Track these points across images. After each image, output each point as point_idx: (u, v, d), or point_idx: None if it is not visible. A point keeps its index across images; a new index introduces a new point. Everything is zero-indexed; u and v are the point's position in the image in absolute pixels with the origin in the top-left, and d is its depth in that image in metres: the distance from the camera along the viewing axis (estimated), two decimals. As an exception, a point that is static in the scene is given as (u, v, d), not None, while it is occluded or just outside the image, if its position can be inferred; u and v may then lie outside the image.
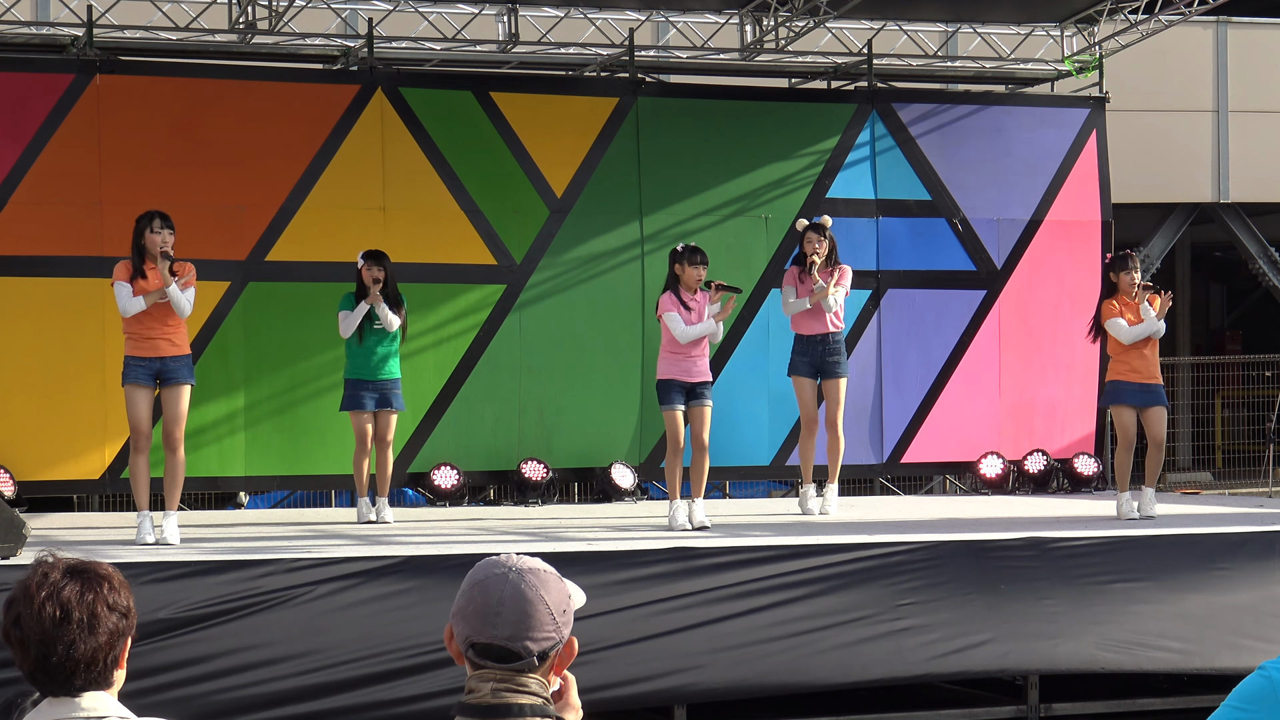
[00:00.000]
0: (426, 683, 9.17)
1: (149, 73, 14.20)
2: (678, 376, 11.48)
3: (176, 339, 10.64)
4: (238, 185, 14.08)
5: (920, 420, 15.63)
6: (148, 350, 10.56)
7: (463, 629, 3.23)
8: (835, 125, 15.61)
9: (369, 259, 12.18)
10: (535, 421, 14.74)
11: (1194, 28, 20.36)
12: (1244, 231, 22.17)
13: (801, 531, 11.00)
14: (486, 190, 14.67)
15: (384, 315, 12.08)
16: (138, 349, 10.59)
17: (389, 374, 12.24)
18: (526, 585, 3.20)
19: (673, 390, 11.48)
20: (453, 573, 9.46)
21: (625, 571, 9.70)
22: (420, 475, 14.48)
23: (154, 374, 10.59)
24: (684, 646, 9.63)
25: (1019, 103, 16.32)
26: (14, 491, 13.10)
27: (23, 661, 3.29)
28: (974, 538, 10.61)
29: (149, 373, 10.57)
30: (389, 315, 12.09)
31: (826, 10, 14.88)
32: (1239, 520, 11.85)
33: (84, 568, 3.32)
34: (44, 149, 13.67)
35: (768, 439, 15.23)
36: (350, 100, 14.44)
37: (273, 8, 14.31)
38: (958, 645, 10.02)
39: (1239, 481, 20.49)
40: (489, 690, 3.19)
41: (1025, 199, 15.98)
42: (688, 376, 11.47)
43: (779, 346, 14.50)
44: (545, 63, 15.66)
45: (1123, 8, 15.67)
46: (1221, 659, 10.32)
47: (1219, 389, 21.72)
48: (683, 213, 15.12)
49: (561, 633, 3.23)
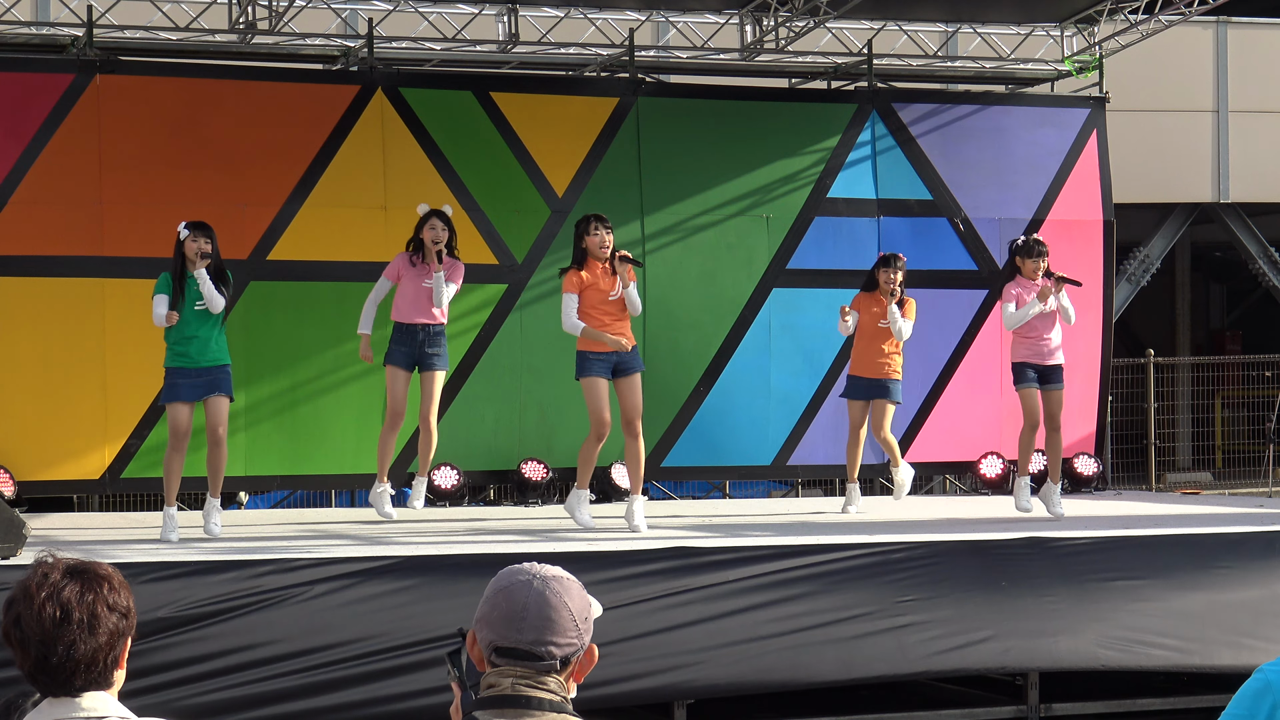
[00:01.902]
0: (426, 680, 9.17)
1: (149, 73, 14.20)
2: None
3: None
4: (238, 185, 14.07)
5: (922, 420, 15.63)
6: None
7: (486, 634, 3.27)
8: (836, 125, 15.60)
9: (195, 229, 10.97)
10: (536, 421, 14.74)
11: (1194, 28, 20.36)
12: (1244, 231, 22.18)
13: (802, 531, 11.01)
14: (487, 190, 14.67)
15: (208, 292, 10.85)
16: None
17: (215, 359, 11.00)
18: (551, 592, 3.26)
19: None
20: (452, 572, 9.48)
21: (625, 569, 9.71)
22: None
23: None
24: (684, 643, 9.64)
25: (1019, 103, 16.31)
26: (14, 491, 13.10)
27: (23, 662, 3.30)
28: (974, 538, 10.63)
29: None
30: (214, 293, 10.87)
31: (826, 10, 14.89)
32: (1239, 520, 11.86)
33: (84, 568, 3.32)
34: (44, 149, 13.66)
35: (769, 439, 15.22)
36: (350, 100, 14.43)
37: (273, 8, 14.31)
38: (959, 642, 10.02)
39: (1239, 481, 20.49)
40: (509, 684, 3.23)
41: (1027, 198, 15.98)
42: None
43: (780, 346, 14.55)
44: (545, 63, 15.66)
45: (1123, 8, 15.67)
46: (1221, 657, 10.33)
47: (1219, 389, 21.72)
48: (683, 212, 15.12)
49: (583, 639, 3.28)
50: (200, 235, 10.91)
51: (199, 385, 10.91)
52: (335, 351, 14.06)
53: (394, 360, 11.87)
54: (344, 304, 13.92)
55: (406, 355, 11.83)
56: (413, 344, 11.84)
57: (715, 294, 15.11)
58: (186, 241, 10.93)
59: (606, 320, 11.38)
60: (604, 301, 11.40)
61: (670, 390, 14.97)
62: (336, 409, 14.09)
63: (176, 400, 10.92)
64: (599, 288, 11.39)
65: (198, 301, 10.89)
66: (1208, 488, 19.88)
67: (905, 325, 12.78)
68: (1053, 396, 12.21)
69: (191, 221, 11.08)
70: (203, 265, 10.85)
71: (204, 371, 10.90)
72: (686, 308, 15.08)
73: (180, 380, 10.91)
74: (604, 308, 11.39)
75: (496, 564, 3.70)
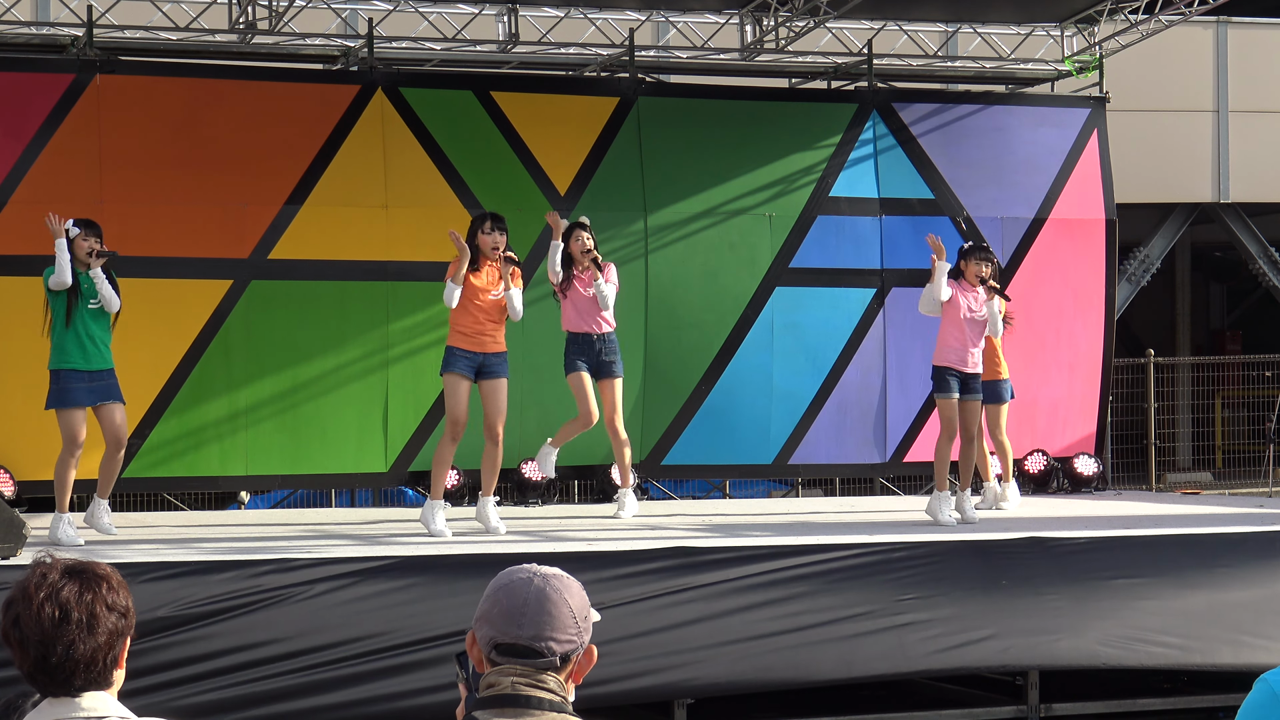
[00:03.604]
0: (426, 679, 9.17)
1: (149, 73, 14.20)
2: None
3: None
4: (239, 184, 14.07)
5: (924, 419, 15.62)
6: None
7: (486, 631, 3.28)
8: (837, 124, 15.60)
9: (84, 227, 10.65)
10: (537, 421, 14.72)
11: (1194, 28, 20.36)
12: (1244, 231, 22.17)
13: (802, 531, 11.01)
14: (489, 188, 14.66)
15: (106, 292, 10.49)
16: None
17: (107, 363, 10.61)
18: (551, 589, 3.28)
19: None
20: (452, 572, 9.48)
21: (625, 568, 9.71)
22: (421, 475, 14.47)
23: None
24: (684, 641, 9.63)
25: (1019, 103, 16.31)
26: (14, 491, 13.10)
27: (22, 662, 3.30)
28: (974, 538, 10.63)
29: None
30: (112, 293, 10.52)
31: (826, 10, 14.88)
32: (1239, 520, 11.86)
33: (82, 568, 3.32)
34: (44, 149, 13.66)
35: (771, 438, 15.22)
36: (351, 100, 14.43)
37: (273, 8, 14.31)
38: (959, 640, 10.02)
39: (1239, 481, 20.48)
40: (509, 684, 3.24)
41: (1028, 197, 15.98)
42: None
43: (783, 345, 14.55)
44: (545, 63, 15.66)
45: (1123, 8, 15.67)
46: (1222, 655, 10.33)
47: (1219, 389, 21.72)
48: (686, 211, 15.12)
49: (583, 638, 3.30)
50: (90, 234, 10.58)
51: (94, 390, 10.51)
52: (336, 351, 14.05)
53: (575, 369, 11.96)
54: (344, 303, 13.93)
55: (587, 363, 11.99)
56: (591, 352, 12.01)
57: (718, 292, 15.11)
58: (76, 240, 10.57)
59: (483, 320, 11.18)
60: (485, 300, 11.15)
61: (672, 388, 14.97)
62: (337, 409, 14.09)
63: (73, 405, 10.43)
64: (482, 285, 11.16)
65: (92, 300, 10.52)
66: (1208, 488, 19.87)
67: (999, 321, 12.17)
68: (970, 406, 11.98)
69: (79, 219, 10.74)
70: (98, 264, 10.55)
71: (97, 375, 10.51)
72: (689, 306, 15.08)
73: (74, 384, 10.45)
74: (484, 306, 11.16)
75: (496, 564, 3.71)
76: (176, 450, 13.87)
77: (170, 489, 14.71)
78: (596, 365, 12.13)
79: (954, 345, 11.87)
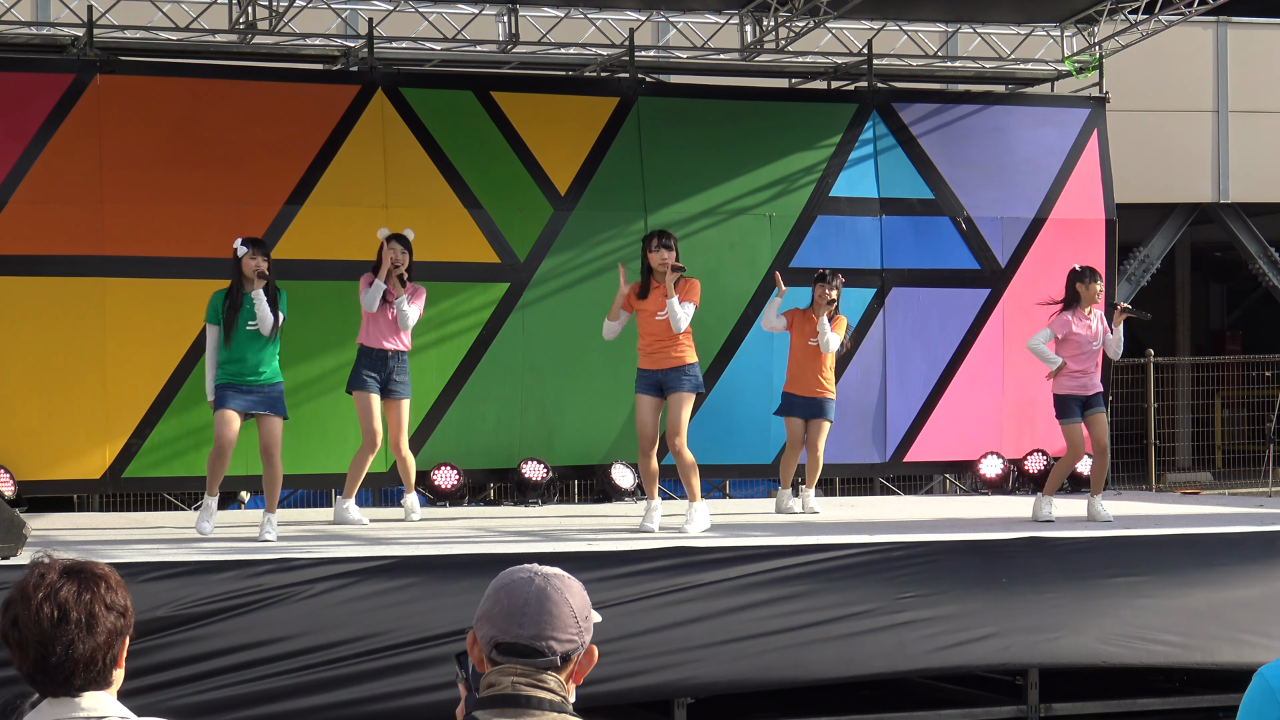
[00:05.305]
0: (425, 679, 9.17)
1: (149, 73, 14.20)
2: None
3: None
4: (239, 184, 14.07)
5: (923, 419, 15.62)
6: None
7: (487, 630, 3.28)
8: (837, 125, 15.61)
9: (252, 246, 10.77)
10: (537, 420, 14.73)
11: (1194, 28, 20.37)
12: (1244, 231, 22.18)
13: (802, 531, 11.01)
14: (489, 188, 14.66)
15: (263, 314, 10.67)
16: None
17: (268, 379, 10.87)
18: (552, 588, 3.29)
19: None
20: (452, 572, 9.48)
21: (625, 568, 9.71)
22: (420, 475, 14.46)
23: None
24: (684, 640, 9.63)
25: (1019, 103, 16.31)
26: (14, 491, 13.10)
27: (21, 662, 3.29)
28: (974, 538, 10.63)
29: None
30: (268, 314, 10.69)
31: (826, 10, 14.88)
32: (1239, 520, 11.87)
33: (81, 568, 3.32)
34: (44, 149, 13.66)
35: (770, 439, 15.21)
36: (351, 100, 14.43)
37: (273, 8, 14.32)
38: (959, 639, 10.02)
39: (1239, 481, 20.49)
40: (509, 684, 3.24)
41: (1028, 197, 15.98)
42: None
43: (782, 345, 14.49)
44: (545, 63, 15.67)
45: (1123, 8, 15.67)
46: (1222, 654, 10.34)
47: (1219, 389, 21.72)
48: (686, 210, 15.12)
49: (584, 638, 3.30)
50: (258, 253, 10.66)
51: (250, 400, 10.75)
52: (336, 351, 14.04)
53: (364, 386, 12.06)
54: (345, 303, 13.91)
55: (376, 381, 12.04)
56: (383, 369, 12.02)
57: (718, 292, 15.10)
58: (244, 259, 10.66)
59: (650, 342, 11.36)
60: (650, 320, 11.33)
61: (671, 389, 14.95)
62: (337, 408, 14.07)
63: (224, 407, 10.70)
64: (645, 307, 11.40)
65: (250, 322, 10.64)
66: (1208, 488, 19.88)
67: (833, 337, 12.91)
68: (1097, 419, 12.28)
69: (247, 239, 10.84)
70: (260, 285, 10.66)
71: (255, 389, 10.74)
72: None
73: (229, 392, 10.72)
74: (648, 328, 11.34)
75: (496, 564, 3.71)
76: (176, 450, 13.87)
77: (170, 489, 14.72)
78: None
79: (1072, 371, 12.30)
